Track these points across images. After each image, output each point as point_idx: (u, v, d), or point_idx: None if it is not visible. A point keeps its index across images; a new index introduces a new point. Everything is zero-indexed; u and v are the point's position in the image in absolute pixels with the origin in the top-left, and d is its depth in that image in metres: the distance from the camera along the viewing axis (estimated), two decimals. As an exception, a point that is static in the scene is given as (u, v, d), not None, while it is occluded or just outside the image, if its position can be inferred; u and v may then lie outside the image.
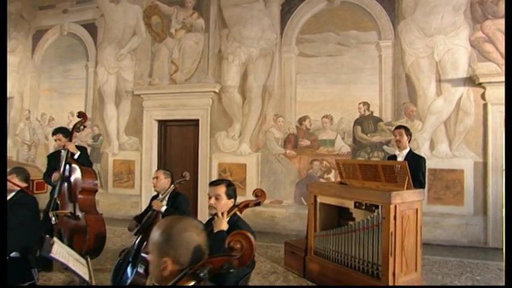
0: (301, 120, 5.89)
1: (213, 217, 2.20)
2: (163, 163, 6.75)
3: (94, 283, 2.23)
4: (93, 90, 7.23)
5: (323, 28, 5.82)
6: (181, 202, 3.16)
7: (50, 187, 4.04)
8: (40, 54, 7.72)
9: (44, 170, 4.31)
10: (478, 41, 5.19)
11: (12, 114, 7.91)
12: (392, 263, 2.99)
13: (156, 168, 6.72)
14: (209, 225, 2.19)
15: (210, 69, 6.38)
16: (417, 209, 3.24)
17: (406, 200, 3.13)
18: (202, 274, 1.00)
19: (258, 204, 2.21)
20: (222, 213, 2.07)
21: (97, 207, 3.89)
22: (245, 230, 2.05)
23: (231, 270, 1.02)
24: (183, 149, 6.69)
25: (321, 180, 5.67)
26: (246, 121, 6.14)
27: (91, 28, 7.28)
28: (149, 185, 6.69)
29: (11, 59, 7.91)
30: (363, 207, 3.34)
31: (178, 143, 6.76)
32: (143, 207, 6.74)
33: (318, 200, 3.71)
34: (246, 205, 2.16)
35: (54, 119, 7.54)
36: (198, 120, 6.42)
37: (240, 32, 6.21)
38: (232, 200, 2.17)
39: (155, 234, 1.14)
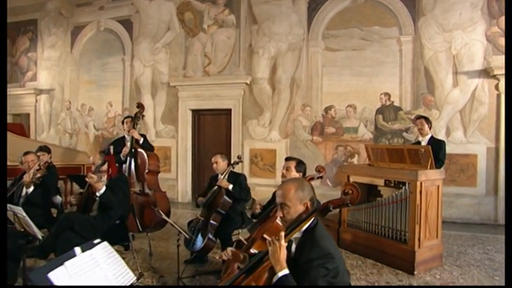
0: (327, 110, 6.42)
1: None
2: (197, 149, 7.36)
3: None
4: (130, 82, 7.80)
5: (348, 24, 6.28)
6: (242, 180, 3.75)
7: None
8: (79, 49, 8.28)
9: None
10: (494, 35, 5.62)
11: (54, 104, 8.55)
12: (418, 230, 3.56)
13: (191, 153, 7.37)
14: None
15: (241, 62, 6.90)
16: (438, 186, 3.79)
17: (430, 178, 3.67)
18: (331, 207, 1.58)
19: (320, 177, 2.79)
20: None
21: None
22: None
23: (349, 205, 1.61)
24: (216, 136, 7.27)
25: (345, 164, 6.22)
26: (275, 110, 6.68)
27: (127, 24, 7.81)
28: (184, 170, 7.36)
29: (52, 54, 8.53)
30: (392, 185, 3.90)
31: (211, 130, 7.34)
32: (179, 189, 7.43)
33: (351, 179, 4.28)
34: (311, 178, 2.74)
35: (94, 109, 8.16)
36: (230, 109, 6.97)
37: (269, 27, 6.70)
38: (300, 174, 2.75)
39: (291, 191, 1.66)
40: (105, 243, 2.07)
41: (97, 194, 3.08)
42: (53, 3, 8.39)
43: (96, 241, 2.03)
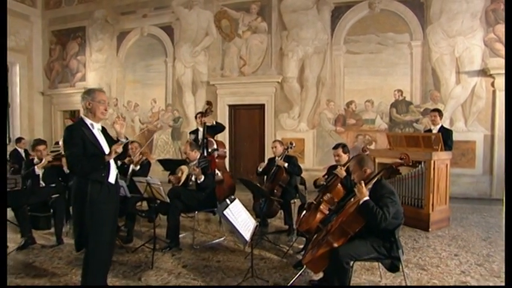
0: (348, 104, 7.53)
1: (336, 165, 3.95)
2: (234, 139, 8.47)
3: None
4: (172, 81, 8.87)
5: (366, 31, 7.35)
6: (295, 161, 4.82)
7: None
8: (124, 52, 9.32)
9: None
10: (491, 41, 6.70)
11: (101, 101, 9.60)
12: (431, 197, 4.70)
13: (228, 142, 8.46)
14: (334, 168, 3.94)
15: (273, 63, 7.98)
16: (447, 164, 4.93)
17: (440, 158, 4.80)
18: (394, 167, 2.72)
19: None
20: (344, 164, 3.78)
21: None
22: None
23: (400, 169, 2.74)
24: (250, 128, 8.38)
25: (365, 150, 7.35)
26: (303, 105, 7.79)
27: (168, 30, 8.83)
28: (223, 157, 8.45)
29: (99, 57, 9.56)
30: (410, 164, 5.03)
31: (245, 123, 8.45)
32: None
33: (377, 161, 5.41)
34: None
35: (139, 105, 9.23)
36: (263, 104, 8.07)
37: (297, 33, 7.76)
38: (348, 154, 3.88)
39: (354, 164, 2.78)
40: (237, 199, 3.21)
41: (198, 182, 4.23)
42: (100, 12, 9.39)
43: (232, 197, 3.16)
